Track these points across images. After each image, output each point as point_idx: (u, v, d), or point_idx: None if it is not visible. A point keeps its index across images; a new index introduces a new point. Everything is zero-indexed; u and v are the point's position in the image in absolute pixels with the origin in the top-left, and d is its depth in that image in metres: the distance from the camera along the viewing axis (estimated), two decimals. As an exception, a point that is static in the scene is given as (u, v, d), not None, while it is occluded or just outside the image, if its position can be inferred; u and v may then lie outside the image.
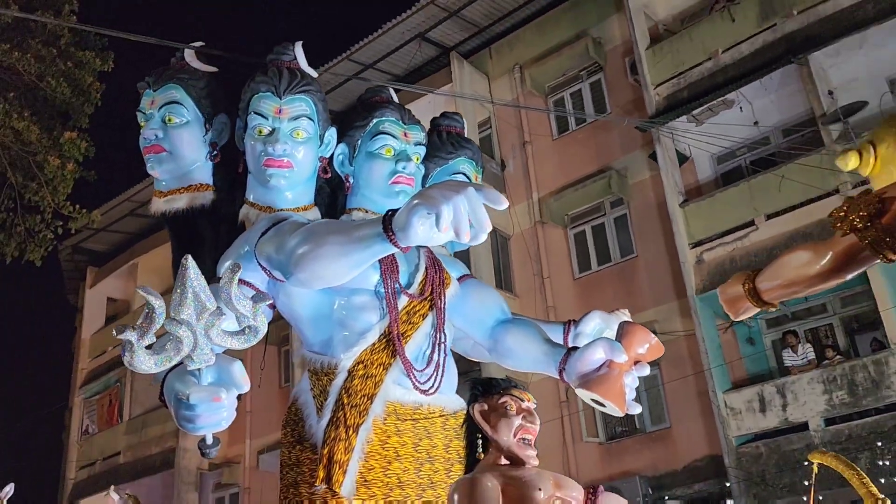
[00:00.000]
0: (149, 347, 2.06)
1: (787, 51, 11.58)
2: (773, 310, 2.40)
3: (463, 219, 2.14)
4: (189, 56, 3.27)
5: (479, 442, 2.76)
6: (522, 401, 2.76)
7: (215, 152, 3.26)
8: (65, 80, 10.56)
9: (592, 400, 2.76)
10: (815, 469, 4.34)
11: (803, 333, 12.20)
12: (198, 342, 2.13)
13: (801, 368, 11.38)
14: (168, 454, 17.40)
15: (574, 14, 14.58)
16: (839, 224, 2.14)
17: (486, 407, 2.73)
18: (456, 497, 2.58)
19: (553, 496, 2.59)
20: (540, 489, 2.56)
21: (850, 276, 2.26)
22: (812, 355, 11.59)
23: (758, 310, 2.45)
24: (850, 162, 2.11)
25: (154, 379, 2.71)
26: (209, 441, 2.32)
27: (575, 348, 2.88)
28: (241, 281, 2.29)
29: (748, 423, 11.27)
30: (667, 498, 11.86)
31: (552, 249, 13.92)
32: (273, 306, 2.95)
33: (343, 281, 2.81)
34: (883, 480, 9.55)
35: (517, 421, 2.67)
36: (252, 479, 16.58)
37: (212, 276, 2.84)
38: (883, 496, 3.87)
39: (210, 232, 3.29)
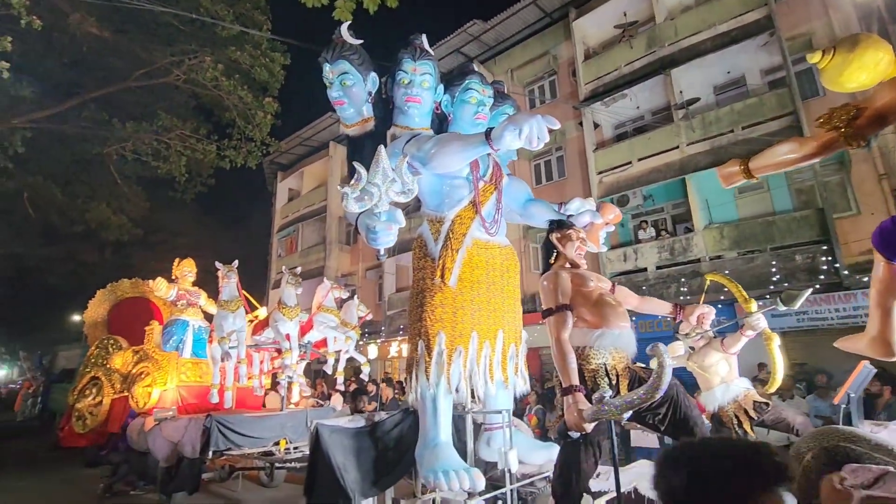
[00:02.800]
0: (356, 199, 2.15)
1: (660, 67, 11.20)
2: (755, 180, 1.99)
3: (535, 133, 2.06)
4: (344, 33, 2.91)
5: (554, 253, 2.67)
6: (579, 233, 2.69)
7: (371, 97, 3.01)
8: (265, 68, 10.06)
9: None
10: (708, 283, 3.57)
11: (651, 223, 11.58)
12: (382, 196, 2.14)
13: (646, 240, 11.01)
14: (321, 268, 17.79)
15: (542, 41, 13.87)
16: (824, 123, 1.71)
17: (559, 235, 2.67)
18: (546, 283, 2.51)
19: (597, 286, 2.55)
20: (591, 281, 2.54)
21: (818, 160, 1.82)
22: (653, 233, 11.17)
23: (744, 180, 2.02)
24: (815, 57, 1.65)
25: (348, 219, 2.93)
26: (382, 251, 2.37)
27: (570, 216, 2.94)
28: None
29: (616, 267, 11.06)
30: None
31: (521, 174, 13.38)
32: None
33: (455, 168, 2.73)
34: (682, 298, 9.51)
35: (577, 244, 2.64)
36: (363, 282, 16.77)
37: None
38: (751, 297, 3.24)
39: (370, 144, 2.99)
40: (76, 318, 24.96)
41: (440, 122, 3.15)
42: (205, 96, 10.68)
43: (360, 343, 7.59)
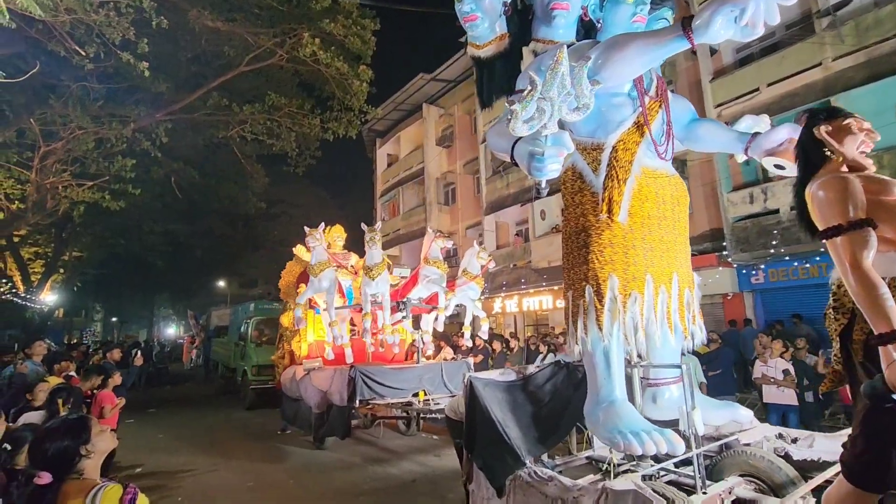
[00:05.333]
0: (526, 120, 1.84)
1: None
2: None
3: (761, 13, 1.64)
4: None
5: (826, 153, 1.81)
6: (864, 122, 1.89)
7: (507, 8, 2.78)
8: (357, 36, 9.85)
9: (775, 166, 2.45)
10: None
11: (785, 157, 10.67)
12: (553, 114, 1.83)
13: (779, 178, 9.84)
14: (422, 230, 17.99)
15: None
16: None
17: (830, 128, 1.87)
18: (821, 193, 1.72)
19: None
20: (894, 187, 1.72)
21: None
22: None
23: None
24: None
25: (493, 149, 2.58)
26: (543, 184, 2.13)
27: (756, 134, 2.51)
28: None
29: (741, 210, 10.23)
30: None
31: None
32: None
33: (632, 77, 2.37)
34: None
35: (860, 137, 1.85)
36: (463, 241, 16.85)
37: (500, 95, 2.80)
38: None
39: (502, 66, 2.84)
40: (220, 283, 28.57)
41: (586, 33, 2.81)
42: (305, 72, 10.81)
43: (483, 297, 7.39)
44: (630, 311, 2.45)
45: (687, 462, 2.41)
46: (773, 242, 9.55)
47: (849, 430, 1.63)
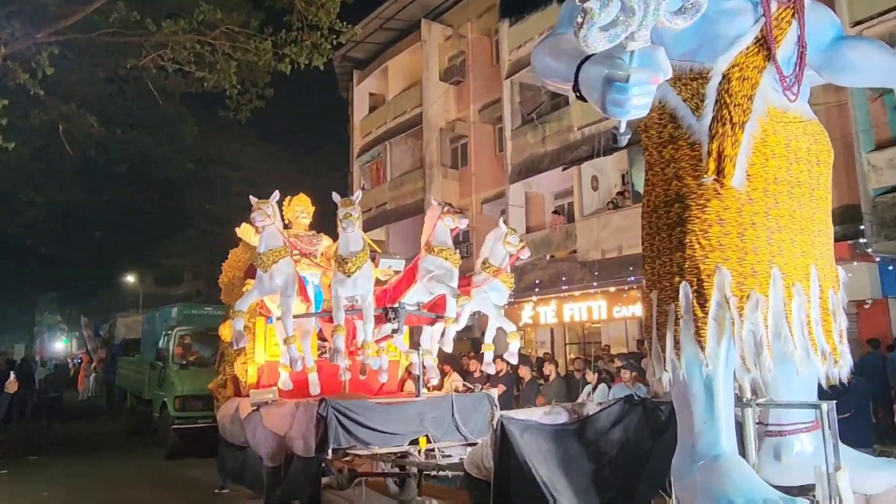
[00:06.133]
0: (604, 27, 1.79)
1: None
2: None
3: None
4: None
5: None
6: None
7: None
8: None
9: None
10: None
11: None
12: (646, 17, 1.79)
13: None
14: (419, 203, 18.28)
15: None
16: None
17: None
18: None
19: None
20: None
21: None
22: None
23: None
24: None
25: (541, 76, 2.51)
26: (622, 128, 2.04)
27: None
28: None
29: (887, 178, 10.13)
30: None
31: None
32: None
33: None
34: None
35: None
36: (478, 220, 16.92)
37: None
38: None
39: None
40: (129, 278, 28.74)
41: None
42: (252, -27, 10.74)
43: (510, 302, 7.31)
44: (749, 321, 2.41)
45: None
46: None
47: None
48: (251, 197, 6.30)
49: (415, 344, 7.33)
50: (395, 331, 6.47)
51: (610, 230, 13.89)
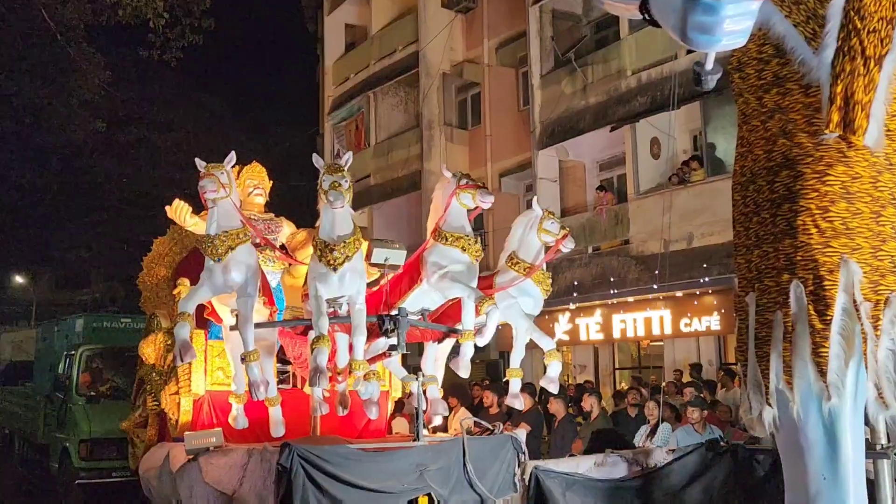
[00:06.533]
0: None
1: None
2: None
3: None
4: None
5: None
6: None
7: None
8: None
9: None
10: None
11: None
12: None
13: None
14: (414, 177, 18.49)
15: None
16: None
17: None
18: None
19: None
20: None
21: None
22: None
23: None
24: None
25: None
26: (709, 66, 2.15)
27: None
28: None
29: None
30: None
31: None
32: None
33: None
34: None
35: None
36: (496, 198, 17.37)
37: None
38: None
39: None
40: (18, 279, 28.76)
41: None
42: None
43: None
44: (888, 336, 2.44)
45: None
46: None
47: None
48: (198, 160, 6.27)
49: (410, 368, 7.33)
50: (392, 347, 6.45)
51: (676, 213, 13.88)
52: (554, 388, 7.11)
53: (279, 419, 6.64)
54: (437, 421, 7.18)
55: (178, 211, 7.31)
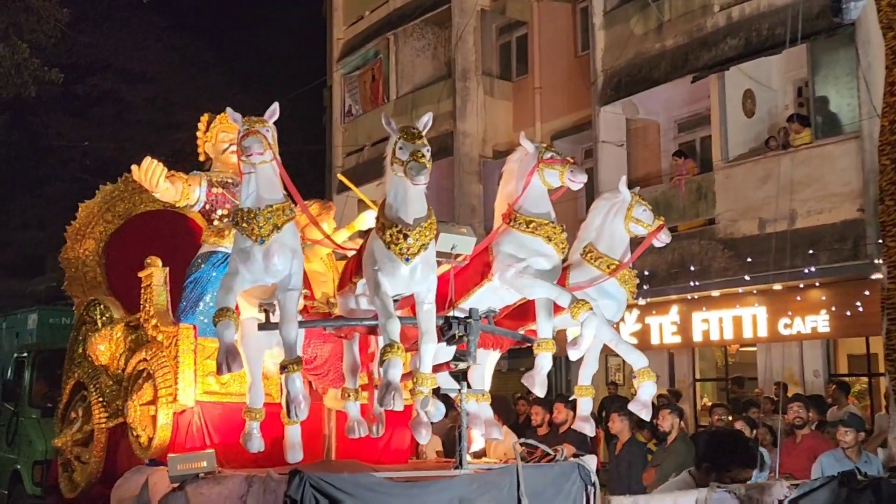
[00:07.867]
0: None
1: None
2: None
3: None
4: None
5: None
6: None
7: None
8: None
9: None
10: None
11: None
12: None
13: None
14: (445, 138, 18.69)
15: None
16: None
17: None
18: None
19: None
20: None
21: None
22: None
23: None
24: None
25: None
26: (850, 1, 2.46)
27: None
28: None
29: None
30: None
31: None
32: None
33: None
34: None
35: None
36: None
37: None
38: None
39: None
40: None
41: None
42: None
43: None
44: None
45: None
46: None
47: None
48: (229, 110, 6.23)
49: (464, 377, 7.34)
50: (462, 355, 6.38)
51: (775, 185, 13.73)
52: (646, 415, 7.07)
53: (296, 441, 6.50)
54: (479, 445, 7.24)
55: (150, 173, 7.22)
